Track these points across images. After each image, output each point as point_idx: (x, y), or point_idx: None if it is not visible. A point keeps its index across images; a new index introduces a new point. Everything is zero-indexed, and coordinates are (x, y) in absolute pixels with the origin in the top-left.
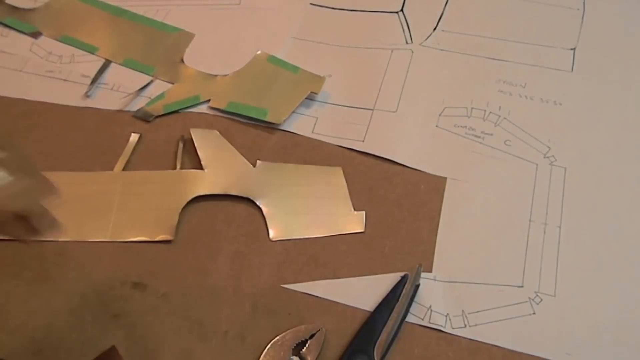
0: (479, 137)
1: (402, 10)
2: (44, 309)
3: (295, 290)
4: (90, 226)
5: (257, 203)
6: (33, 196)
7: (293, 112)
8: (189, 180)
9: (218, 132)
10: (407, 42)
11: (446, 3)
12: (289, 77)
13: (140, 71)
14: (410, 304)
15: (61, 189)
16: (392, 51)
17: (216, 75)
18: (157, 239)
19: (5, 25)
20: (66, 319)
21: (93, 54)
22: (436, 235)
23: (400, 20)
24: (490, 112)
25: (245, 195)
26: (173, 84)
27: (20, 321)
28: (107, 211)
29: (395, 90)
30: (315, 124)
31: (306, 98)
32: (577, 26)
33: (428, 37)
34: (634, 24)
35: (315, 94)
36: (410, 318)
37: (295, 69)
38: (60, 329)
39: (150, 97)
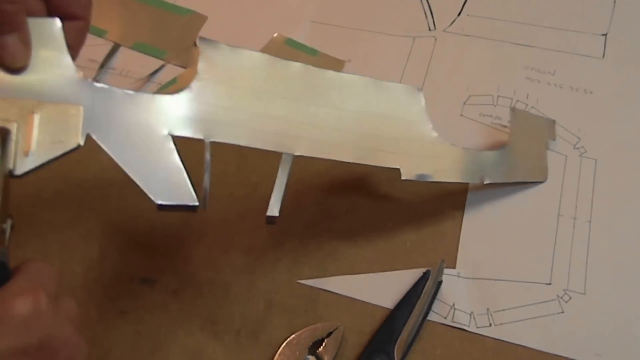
0: (506, 126)
1: None
2: None
3: (312, 286)
4: None
5: None
6: None
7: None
8: None
9: None
10: (430, 29)
11: None
12: (307, 60)
13: (150, 55)
14: (432, 302)
15: None
16: (414, 39)
17: None
18: None
19: None
20: None
21: (101, 37)
22: (460, 229)
23: (423, 6)
24: (518, 101)
25: None
26: (185, 68)
27: None
28: None
29: (418, 80)
30: None
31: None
32: (608, 10)
33: (452, 22)
34: None
35: None
36: (432, 316)
37: (313, 51)
38: None
39: (161, 83)
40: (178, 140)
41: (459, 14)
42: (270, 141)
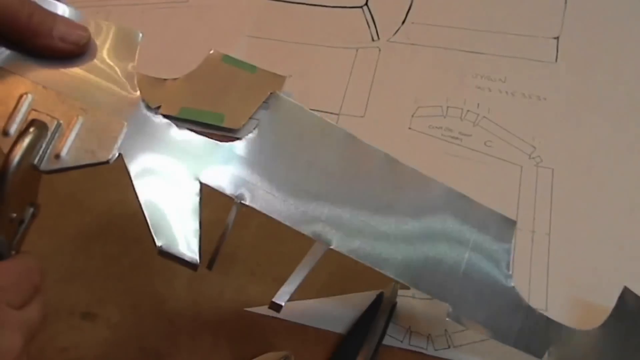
0: (457, 138)
1: (366, 4)
2: None
3: (260, 314)
4: None
5: None
6: None
7: (251, 116)
8: None
9: None
10: (373, 39)
11: None
12: (246, 77)
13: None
14: (387, 325)
15: None
16: (357, 50)
17: (165, 80)
18: None
19: None
20: None
21: None
22: None
23: (365, 16)
24: (468, 111)
25: None
26: None
27: None
28: None
29: (363, 93)
30: None
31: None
32: (560, 12)
33: (396, 31)
34: (622, 9)
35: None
36: (388, 340)
37: (252, 68)
38: None
39: None
40: None
41: (403, 23)
42: (307, 225)
